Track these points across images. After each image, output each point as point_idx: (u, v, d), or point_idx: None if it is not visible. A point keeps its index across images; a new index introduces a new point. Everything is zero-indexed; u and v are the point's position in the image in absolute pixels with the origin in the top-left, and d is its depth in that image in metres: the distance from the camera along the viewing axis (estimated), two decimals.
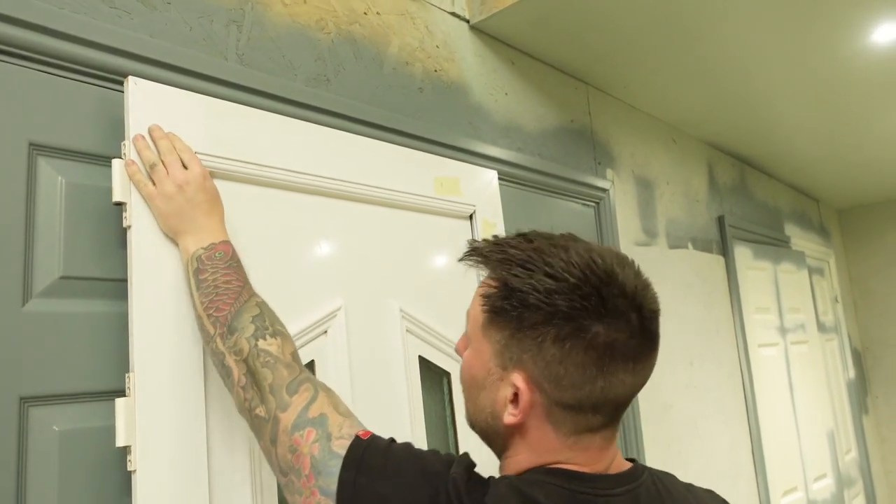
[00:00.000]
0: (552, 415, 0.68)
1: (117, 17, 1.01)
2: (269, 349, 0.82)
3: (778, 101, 2.47)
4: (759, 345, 2.90)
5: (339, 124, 1.27)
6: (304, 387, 0.78)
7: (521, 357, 0.67)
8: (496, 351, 0.70)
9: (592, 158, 2.12)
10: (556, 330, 0.65)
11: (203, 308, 0.87)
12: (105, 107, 0.97)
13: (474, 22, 1.71)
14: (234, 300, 0.86)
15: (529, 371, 0.67)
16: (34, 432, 0.85)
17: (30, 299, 0.87)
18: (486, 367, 0.71)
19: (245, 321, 0.84)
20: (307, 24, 1.30)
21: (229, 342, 0.83)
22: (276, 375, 0.79)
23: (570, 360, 0.65)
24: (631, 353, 0.67)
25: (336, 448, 0.71)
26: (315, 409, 0.75)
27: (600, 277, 0.66)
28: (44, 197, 0.90)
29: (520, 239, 0.71)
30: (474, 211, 1.48)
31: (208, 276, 0.88)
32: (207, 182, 0.95)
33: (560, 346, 0.65)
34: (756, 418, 2.73)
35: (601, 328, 0.65)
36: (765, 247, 3.19)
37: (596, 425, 0.69)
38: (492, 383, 0.70)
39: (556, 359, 0.65)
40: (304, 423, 0.74)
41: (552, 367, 0.66)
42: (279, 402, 0.77)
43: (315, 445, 0.71)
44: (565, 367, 0.65)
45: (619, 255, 0.70)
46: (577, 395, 0.66)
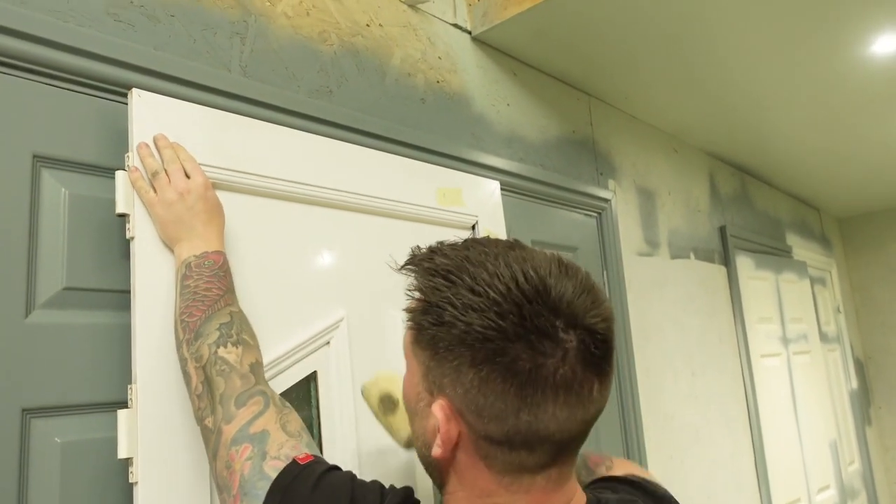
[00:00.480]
0: (481, 449, 0.59)
1: (121, 29, 1.01)
2: (227, 357, 0.79)
3: (778, 110, 2.48)
4: (761, 355, 2.89)
5: (342, 135, 1.28)
6: (254, 399, 0.75)
7: (441, 382, 0.59)
8: (423, 373, 0.62)
9: (594, 168, 2.12)
10: (471, 352, 0.56)
11: (179, 312, 0.86)
12: (109, 119, 0.98)
13: (476, 33, 1.72)
14: (208, 307, 0.85)
15: (451, 398, 0.58)
16: (36, 444, 0.85)
17: (33, 310, 0.87)
18: (415, 390, 0.63)
19: (212, 328, 0.82)
20: (310, 37, 1.30)
21: (192, 348, 0.82)
22: (229, 385, 0.76)
23: (489, 388, 0.56)
24: (563, 382, 0.55)
25: (268, 469, 0.67)
26: (259, 424, 0.72)
27: (525, 292, 0.56)
28: (47, 208, 0.90)
29: (455, 246, 0.63)
30: (477, 221, 1.48)
31: (191, 282, 0.88)
32: (209, 192, 0.95)
33: (477, 371, 0.56)
34: (759, 429, 2.72)
35: (522, 351, 0.55)
36: (766, 256, 3.19)
37: (532, 465, 0.59)
38: (422, 409, 0.63)
39: (475, 386, 0.56)
40: (244, 437, 0.70)
41: (472, 396, 0.57)
42: (225, 414, 0.74)
43: (247, 463, 0.68)
44: (485, 396, 0.56)
45: (563, 264, 0.60)
46: (502, 428, 0.57)
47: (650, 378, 2.14)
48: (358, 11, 1.42)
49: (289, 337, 1.07)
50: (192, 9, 1.11)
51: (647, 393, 2.10)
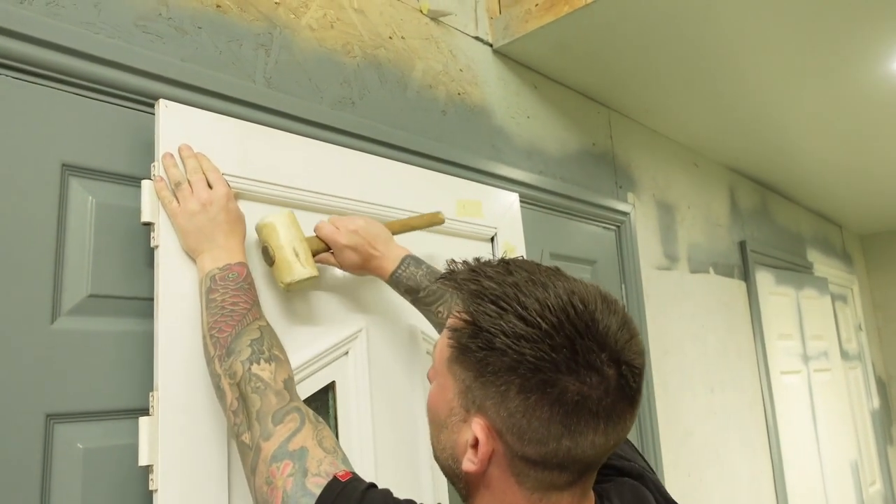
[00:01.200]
0: (514, 467, 0.61)
1: (150, 41, 1.03)
2: (261, 374, 0.80)
3: (799, 125, 2.46)
4: (781, 372, 2.86)
5: (364, 146, 1.29)
6: (290, 416, 0.76)
7: (483, 403, 0.61)
8: (460, 391, 0.63)
9: (614, 182, 2.11)
10: (521, 380, 0.58)
11: (207, 328, 0.87)
12: (136, 129, 0.99)
13: (497, 46, 1.72)
14: (237, 322, 0.86)
15: (491, 419, 0.60)
16: (59, 449, 0.85)
17: (58, 317, 0.88)
18: (448, 405, 0.65)
19: (243, 344, 0.84)
20: (333, 49, 1.32)
21: (226, 364, 0.82)
22: (265, 402, 0.78)
23: (534, 414, 0.58)
24: (604, 412, 0.59)
25: (310, 485, 0.68)
26: (297, 441, 0.73)
27: (576, 326, 0.58)
28: (75, 216, 0.92)
29: (499, 269, 0.65)
30: (496, 233, 1.48)
31: (217, 296, 0.88)
32: (231, 203, 0.96)
33: (524, 399, 0.58)
34: (778, 447, 2.68)
35: (571, 383, 0.57)
36: (787, 272, 3.15)
37: (562, 483, 0.62)
38: (454, 424, 0.64)
39: (520, 411, 0.58)
40: (284, 454, 0.72)
41: (515, 419, 0.59)
42: (263, 431, 0.75)
43: (289, 480, 0.69)
44: (528, 421, 0.58)
45: (605, 298, 0.62)
46: (540, 451, 0.59)
47: (668, 394, 2.12)
48: (381, 24, 1.43)
49: (308, 347, 1.08)
50: (218, 21, 1.13)
51: (666, 409, 2.08)
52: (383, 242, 1.09)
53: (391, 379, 1.20)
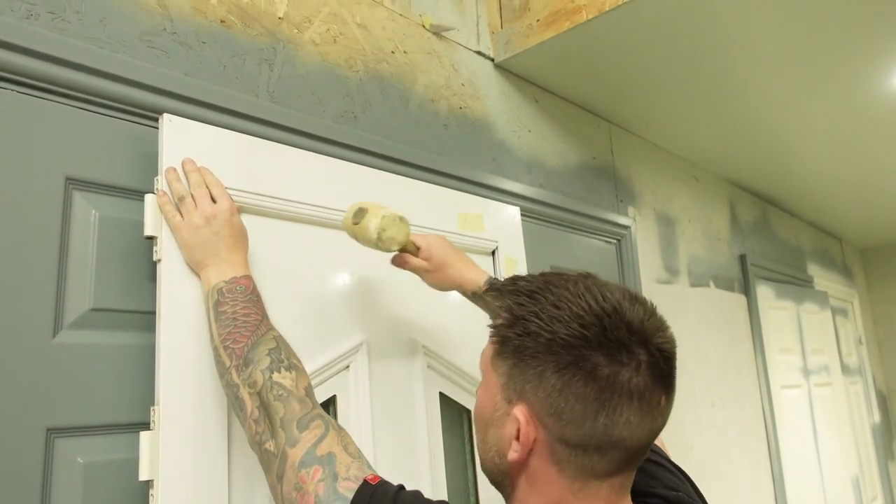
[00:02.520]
0: (555, 453, 0.64)
1: (154, 56, 1.03)
2: (282, 382, 0.81)
3: (800, 139, 2.47)
4: (781, 386, 2.85)
5: (366, 160, 1.29)
6: (315, 423, 0.77)
7: (523, 388, 0.64)
8: (502, 384, 0.67)
9: (614, 195, 2.12)
10: (555, 358, 0.62)
11: (220, 340, 0.87)
12: (140, 142, 1.00)
13: (499, 61, 1.73)
14: (252, 333, 0.86)
15: (531, 404, 0.64)
16: (59, 464, 0.85)
17: (60, 331, 0.88)
18: (493, 401, 0.68)
19: (261, 353, 0.84)
20: (336, 63, 1.32)
21: (244, 374, 0.83)
22: (288, 409, 0.78)
23: (570, 391, 0.61)
24: (636, 390, 0.61)
25: (341, 489, 0.69)
26: (324, 446, 0.74)
27: (604, 309, 0.63)
28: (78, 230, 0.92)
29: (534, 275, 0.71)
30: (497, 247, 1.49)
31: (227, 308, 0.89)
32: (234, 217, 0.96)
33: (560, 377, 0.62)
34: (779, 461, 2.67)
35: (602, 359, 0.61)
36: (787, 286, 3.15)
37: (602, 471, 0.64)
38: (498, 419, 0.68)
39: (557, 390, 0.62)
40: (312, 460, 0.73)
41: (553, 399, 0.62)
42: (289, 437, 0.76)
43: (321, 484, 0.70)
44: (566, 400, 0.61)
45: (633, 294, 0.67)
46: (578, 432, 0.62)
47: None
48: (383, 39, 1.44)
49: (309, 360, 1.07)
50: (222, 36, 1.13)
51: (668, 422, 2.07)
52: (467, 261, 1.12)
53: (392, 392, 1.20)
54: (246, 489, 0.95)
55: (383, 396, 1.18)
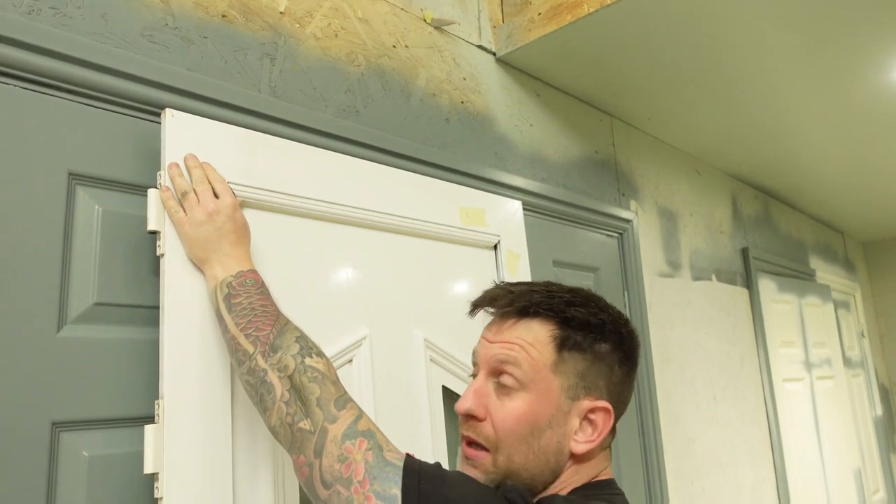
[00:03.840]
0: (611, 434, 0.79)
1: (156, 51, 1.03)
2: (316, 366, 0.83)
3: (802, 132, 2.47)
4: (783, 379, 2.85)
5: (368, 155, 1.29)
6: (350, 404, 0.79)
7: (597, 383, 0.77)
8: (570, 385, 0.76)
9: (616, 189, 2.12)
10: (620, 354, 0.78)
11: (240, 329, 0.87)
12: (143, 138, 1.00)
13: (500, 55, 1.73)
14: (274, 322, 0.87)
15: (605, 395, 0.77)
16: (64, 457, 0.86)
17: (64, 325, 0.89)
18: (553, 405, 0.76)
19: (289, 340, 0.85)
20: (338, 58, 1.32)
21: (272, 359, 0.83)
22: (325, 391, 0.80)
23: (626, 380, 0.79)
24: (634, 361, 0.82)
25: (389, 458, 0.72)
26: (363, 423, 0.77)
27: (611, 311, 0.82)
28: (81, 225, 0.92)
29: (544, 285, 0.83)
30: (499, 241, 1.49)
31: (242, 299, 0.89)
32: (237, 213, 0.96)
33: (622, 369, 0.78)
34: (781, 455, 2.68)
35: (631, 350, 0.81)
36: (789, 280, 3.15)
37: (609, 441, 0.80)
38: (559, 419, 0.76)
39: (620, 380, 0.78)
40: (355, 433, 0.75)
41: (618, 388, 0.78)
42: (327, 415, 0.77)
43: (369, 453, 0.72)
44: (625, 388, 0.79)
45: None
46: (622, 410, 0.80)
47: (671, 401, 2.12)
48: (385, 33, 1.44)
49: None
50: (224, 31, 1.13)
51: (668, 416, 2.08)
52: None
53: (395, 386, 1.20)
54: (250, 480, 0.96)
55: (386, 390, 1.18)
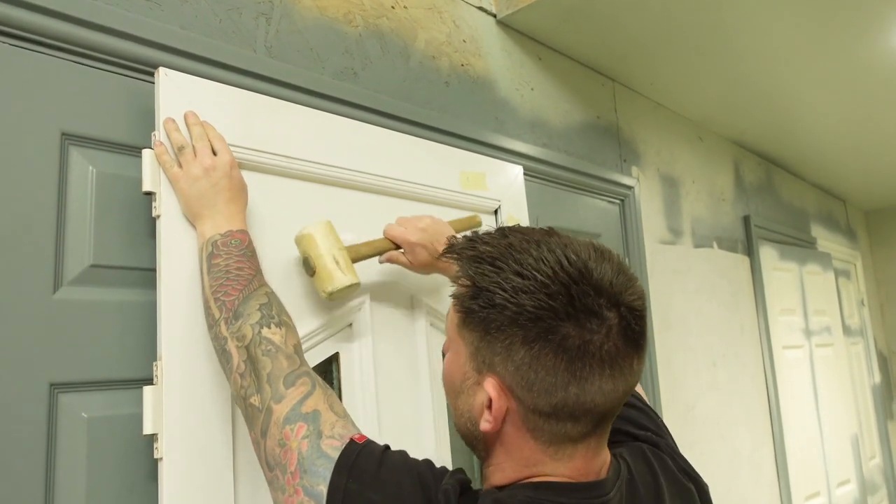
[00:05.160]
0: (528, 421, 0.63)
1: (149, 8, 1.01)
2: (271, 338, 0.80)
3: (805, 100, 2.44)
4: (783, 347, 2.86)
5: (366, 117, 1.27)
6: (301, 380, 0.76)
7: (492, 360, 0.63)
8: (470, 353, 0.66)
9: (618, 155, 2.10)
10: (523, 332, 0.60)
11: (211, 292, 0.86)
12: (136, 97, 0.98)
13: (501, 17, 1.70)
14: (244, 287, 0.85)
15: (501, 375, 0.63)
16: (63, 418, 0.86)
17: (60, 287, 0.88)
18: (462, 370, 0.67)
19: (252, 308, 0.83)
20: (335, 18, 1.30)
21: (233, 327, 0.82)
22: (276, 365, 0.77)
23: (539, 363, 0.60)
24: (608, 356, 0.60)
25: (325, 447, 0.68)
26: (310, 404, 0.73)
27: (570, 274, 0.60)
28: (75, 186, 0.91)
29: (495, 234, 0.67)
30: (499, 206, 1.48)
31: (220, 261, 0.87)
32: (234, 171, 0.95)
33: (529, 349, 0.60)
34: (779, 421, 2.70)
35: (572, 329, 0.59)
36: (790, 248, 3.14)
37: (576, 435, 0.64)
38: (468, 388, 0.67)
39: (526, 362, 0.61)
40: (297, 416, 0.71)
41: (522, 372, 0.61)
42: (274, 393, 0.75)
43: (304, 441, 0.69)
44: (535, 372, 0.60)
45: (598, 249, 0.65)
46: (550, 401, 0.61)
47: (671, 367, 2.13)
48: None
49: (311, 317, 1.08)
50: None
51: (668, 382, 2.09)
52: None
53: (395, 350, 1.20)
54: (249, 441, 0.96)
55: (386, 354, 1.18)
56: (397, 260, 1.11)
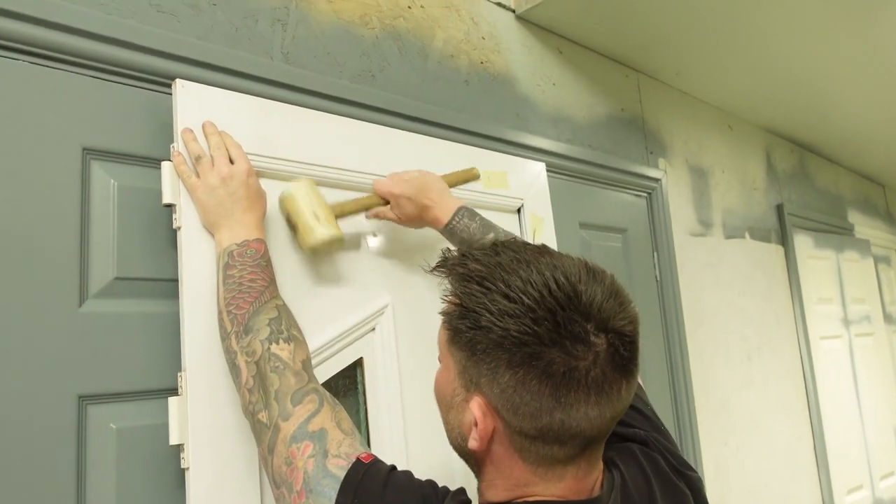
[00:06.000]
0: (515, 443, 0.63)
1: (164, 20, 1.02)
2: (280, 354, 0.80)
3: (839, 82, 2.36)
4: (821, 337, 2.79)
5: (385, 120, 1.27)
6: (309, 397, 0.76)
7: (479, 381, 0.62)
8: (459, 371, 0.65)
9: (644, 147, 2.06)
10: (508, 356, 0.59)
11: (224, 304, 0.86)
12: (155, 110, 0.99)
13: (520, 12, 1.68)
14: (255, 299, 0.86)
15: (487, 396, 0.62)
16: (92, 429, 0.87)
17: (86, 300, 0.89)
18: (451, 385, 0.67)
19: (261, 322, 0.83)
20: (351, 21, 1.29)
21: (243, 342, 0.82)
22: (283, 382, 0.77)
23: (524, 388, 0.59)
24: (594, 383, 0.59)
25: (331, 467, 0.68)
26: (316, 422, 0.73)
27: (558, 299, 0.59)
28: (97, 200, 0.92)
29: (487, 251, 0.66)
30: (522, 204, 1.46)
31: (235, 272, 0.88)
32: (251, 179, 0.95)
33: (514, 373, 0.59)
34: (818, 413, 2.64)
35: (557, 355, 0.58)
36: (827, 235, 3.06)
37: (564, 457, 0.63)
38: (458, 404, 0.66)
39: (511, 386, 0.60)
40: (303, 435, 0.72)
41: (508, 395, 0.60)
42: (282, 411, 0.75)
43: (310, 461, 0.69)
44: (520, 396, 0.59)
45: (591, 269, 0.63)
46: (536, 425, 0.60)
47: (703, 362, 2.09)
48: None
49: (335, 323, 1.08)
50: None
51: (700, 377, 2.05)
52: (437, 192, 1.09)
53: (419, 354, 1.19)
54: None
55: (410, 357, 1.17)
56: (385, 215, 1.10)
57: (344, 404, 0.84)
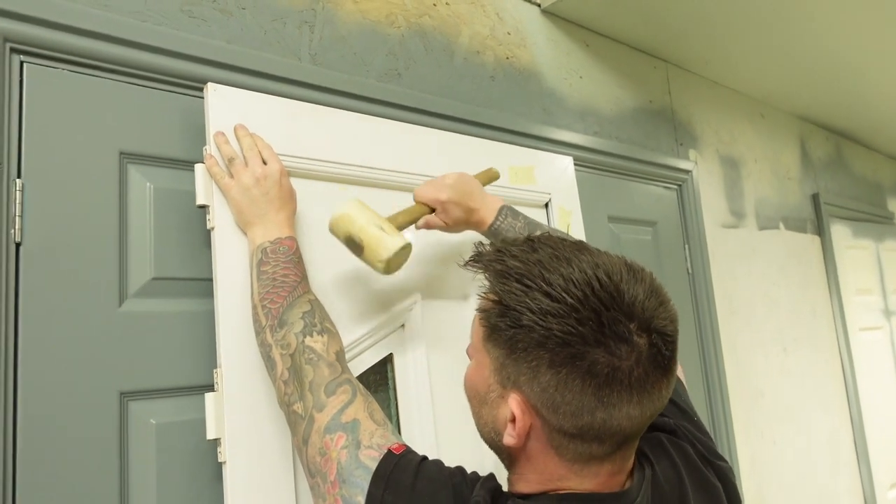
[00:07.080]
0: (553, 440, 0.62)
1: (195, 25, 1.04)
2: (314, 346, 0.82)
3: (877, 65, 2.30)
4: (860, 328, 2.74)
5: (412, 118, 1.28)
6: (342, 388, 0.77)
7: (517, 379, 0.62)
8: (495, 368, 0.64)
9: (674, 139, 2.04)
10: (550, 355, 0.59)
11: (259, 298, 0.89)
12: (188, 113, 1.01)
13: (546, 6, 1.68)
14: (289, 294, 0.88)
15: (526, 394, 0.61)
16: (133, 425, 0.90)
17: (126, 300, 0.92)
18: (486, 381, 0.66)
19: (295, 316, 0.85)
20: (377, 20, 1.31)
21: (278, 335, 0.84)
22: (318, 374, 0.79)
23: (566, 387, 0.59)
24: (637, 383, 0.59)
25: (363, 458, 0.69)
26: (349, 413, 0.74)
27: (601, 299, 0.58)
28: (135, 203, 0.95)
29: (524, 247, 0.65)
30: (550, 199, 1.46)
31: (269, 268, 0.90)
32: (284, 179, 0.97)
33: (556, 373, 0.59)
34: (858, 406, 2.58)
35: (601, 355, 0.58)
36: (865, 224, 3.00)
37: (601, 454, 0.63)
38: (493, 400, 0.66)
39: (552, 385, 0.59)
40: (336, 426, 0.73)
41: (549, 393, 0.60)
42: (316, 402, 0.76)
43: (343, 452, 0.70)
44: (562, 395, 0.59)
45: (631, 268, 0.63)
46: (576, 423, 0.60)
47: (737, 354, 2.07)
48: None
49: (365, 320, 1.09)
50: (261, 0, 1.13)
51: (735, 370, 2.03)
52: (479, 194, 1.08)
53: (448, 349, 1.20)
54: None
55: (439, 353, 1.19)
56: (435, 224, 1.07)
57: (375, 399, 0.86)
